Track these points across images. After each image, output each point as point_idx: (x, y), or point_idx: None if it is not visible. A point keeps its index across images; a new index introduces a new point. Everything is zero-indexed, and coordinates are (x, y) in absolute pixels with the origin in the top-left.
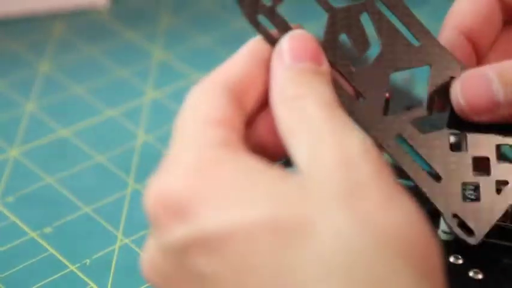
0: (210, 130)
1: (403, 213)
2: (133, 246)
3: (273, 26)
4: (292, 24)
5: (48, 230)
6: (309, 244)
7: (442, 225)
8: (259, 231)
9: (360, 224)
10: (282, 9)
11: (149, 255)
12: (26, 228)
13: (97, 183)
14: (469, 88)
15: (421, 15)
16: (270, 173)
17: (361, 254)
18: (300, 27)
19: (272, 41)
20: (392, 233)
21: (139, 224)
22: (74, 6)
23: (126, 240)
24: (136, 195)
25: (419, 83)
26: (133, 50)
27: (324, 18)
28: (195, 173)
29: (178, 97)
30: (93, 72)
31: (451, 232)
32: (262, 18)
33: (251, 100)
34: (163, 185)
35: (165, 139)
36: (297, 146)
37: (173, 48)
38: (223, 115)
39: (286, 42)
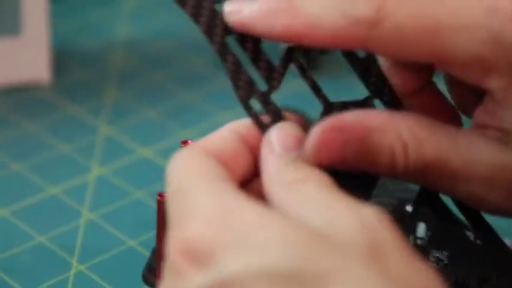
0: (219, 182)
1: (424, 271)
2: None
3: (264, 111)
4: (283, 110)
5: None
6: None
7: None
8: (280, 279)
9: (385, 279)
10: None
11: None
12: None
13: (38, 264)
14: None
15: None
16: (289, 221)
17: None
18: (293, 112)
19: (262, 127)
20: None
21: None
22: (13, 82)
23: None
24: (81, 277)
25: None
26: (77, 125)
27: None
28: (217, 220)
29: (125, 173)
30: (34, 149)
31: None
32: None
33: (232, 174)
34: (185, 234)
35: (111, 217)
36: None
37: (119, 123)
38: (222, 172)
39: (275, 134)
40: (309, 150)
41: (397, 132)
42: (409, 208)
